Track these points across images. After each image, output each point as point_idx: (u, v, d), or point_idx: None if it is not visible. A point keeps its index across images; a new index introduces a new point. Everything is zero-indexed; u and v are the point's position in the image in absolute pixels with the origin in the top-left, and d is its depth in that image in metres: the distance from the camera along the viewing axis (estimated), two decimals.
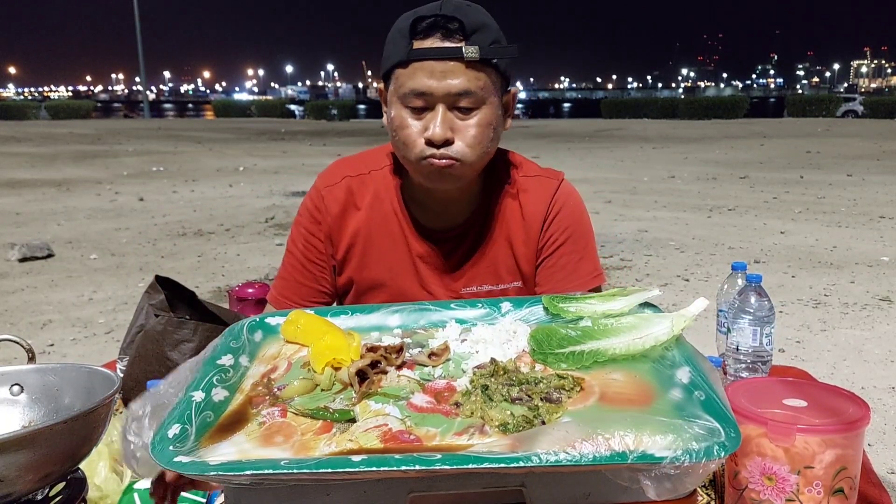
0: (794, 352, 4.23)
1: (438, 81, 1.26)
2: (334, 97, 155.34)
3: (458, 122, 1.29)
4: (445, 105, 1.28)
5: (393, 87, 1.32)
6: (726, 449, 0.72)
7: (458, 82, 1.26)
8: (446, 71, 1.25)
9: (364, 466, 0.70)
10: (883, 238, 7.17)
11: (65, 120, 36.38)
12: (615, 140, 20.93)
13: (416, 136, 1.30)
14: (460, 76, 1.26)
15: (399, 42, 1.29)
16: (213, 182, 12.08)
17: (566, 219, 1.46)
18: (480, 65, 1.27)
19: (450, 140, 1.28)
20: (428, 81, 1.26)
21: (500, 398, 0.87)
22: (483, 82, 1.28)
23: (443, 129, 1.27)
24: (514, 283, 1.46)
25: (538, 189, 1.47)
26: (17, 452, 0.77)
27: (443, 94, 1.26)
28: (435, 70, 1.25)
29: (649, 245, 7.01)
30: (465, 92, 1.27)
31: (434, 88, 1.26)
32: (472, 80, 1.26)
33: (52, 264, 6.58)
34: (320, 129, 27.75)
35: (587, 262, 1.47)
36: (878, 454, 3.10)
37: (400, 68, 1.29)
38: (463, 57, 1.25)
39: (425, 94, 1.27)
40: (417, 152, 1.30)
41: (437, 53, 1.25)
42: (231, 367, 0.96)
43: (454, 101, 1.28)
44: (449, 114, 1.28)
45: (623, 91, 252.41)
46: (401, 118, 1.31)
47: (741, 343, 1.41)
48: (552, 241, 1.45)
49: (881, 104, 32.94)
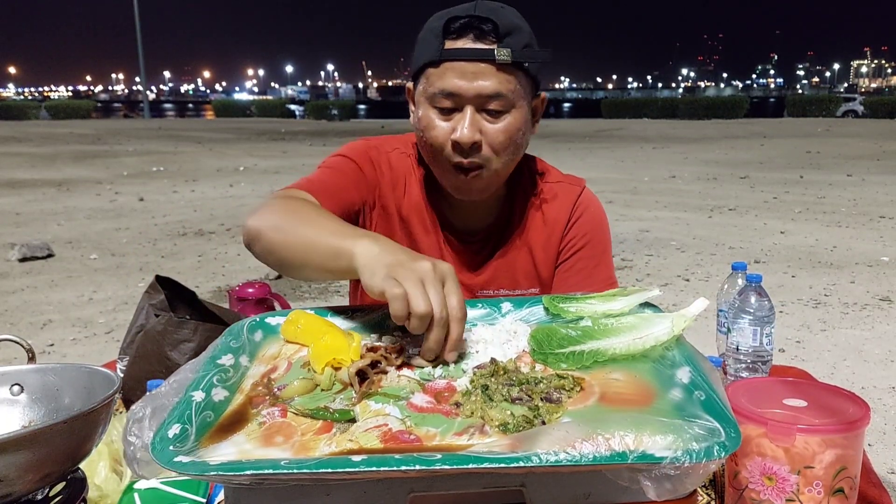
0: (795, 352, 4.23)
1: (469, 82, 1.24)
2: (334, 97, 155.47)
3: (487, 126, 1.27)
4: (474, 107, 1.26)
5: (422, 86, 1.30)
6: (726, 449, 0.72)
7: (488, 84, 1.24)
8: (477, 72, 1.24)
9: (364, 466, 0.70)
10: (883, 238, 7.18)
11: (65, 120, 36.40)
12: (615, 140, 20.94)
13: (443, 139, 1.28)
14: (491, 78, 1.24)
15: (431, 41, 1.27)
16: (213, 182, 12.08)
17: (586, 225, 1.46)
18: (512, 68, 1.25)
19: (477, 143, 1.26)
20: (458, 82, 1.24)
21: (500, 398, 0.87)
22: (514, 85, 1.26)
23: (471, 131, 1.25)
24: (532, 289, 1.46)
25: (561, 195, 1.46)
26: (17, 452, 0.77)
27: (472, 95, 1.25)
28: (466, 71, 1.24)
29: (650, 245, 7.01)
30: (496, 94, 1.25)
31: (464, 89, 1.24)
32: (503, 82, 1.25)
33: (52, 264, 6.58)
34: (320, 129, 27.76)
35: (602, 269, 1.47)
36: (878, 454, 3.10)
37: (431, 67, 1.27)
38: (495, 59, 1.23)
39: (454, 94, 1.25)
40: (444, 155, 1.29)
41: (469, 54, 1.24)
42: (231, 367, 0.96)
43: (483, 104, 1.26)
44: (477, 116, 1.26)
45: (623, 91, 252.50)
46: (428, 118, 1.29)
47: (741, 343, 1.41)
48: (570, 245, 1.46)
49: (881, 104, 32.95)
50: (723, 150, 16.66)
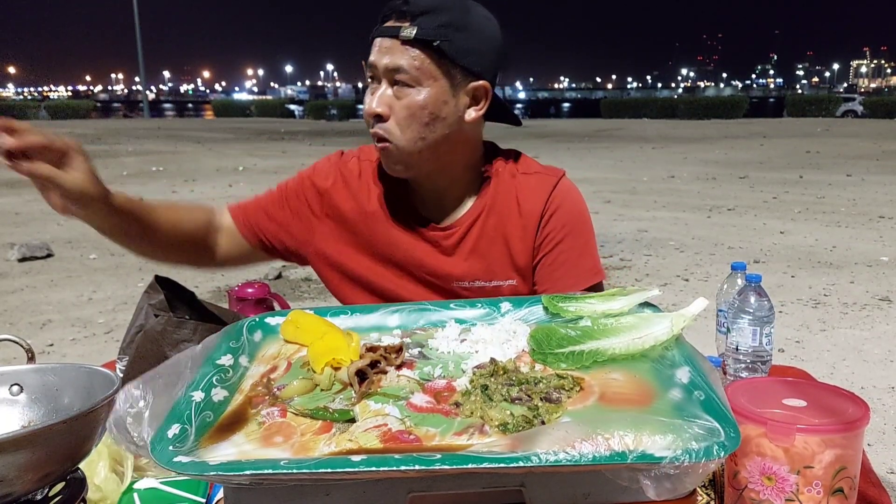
0: (794, 352, 4.23)
1: (379, 57, 1.33)
2: (334, 97, 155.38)
3: (394, 101, 1.34)
4: (387, 81, 1.34)
5: None
6: (726, 449, 0.72)
7: (392, 59, 1.32)
8: (389, 48, 1.32)
9: (364, 466, 0.70)
10: (882, 238, 7.18)
11: (64, 120, 36.37)
12: (615, 140, 20.94)
13: (367, 111, 1.38)
14: (397, 53, 1.31)
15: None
16: (212, 182, 12.08)
17: (564, 216, 1.46)
18: (420, 45, 1.31)
19: (382, 115, 1.34)
20: (372, 57, 1.34)
21: (499, 398, 0.87)
22: (420, 63, 1.31)
23: (376, 101, 1.34)
24: (509, 280, 1.46)
25: (536, 186, 1.46)
26: (17, 452, 0.77)
27: (381, 69, 1.33)
28: (381, 47, 1.33)
29: (649, 245, 7.01)
30: (397, 69, 1.32)
31: (377, 63, 1.34)
32: (408, 59, 1.31)
33: (51, 264, 6.58)
34: (320, 129, 27.75)
35: (586, 259, 1.46)
36: (877, 454, 3.10)
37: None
38: (398, 35, 1.31)
39: (371, 66, 1.35)
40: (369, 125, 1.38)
41: (380, 32, 1.33)
42: (230, 368, 0.96)
43: (390, 77, 1.33)
44: (389, 90, 1.34)
45: (623, 91, 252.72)
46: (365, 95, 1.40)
47: (741, 343, 1.41)
48: (550, 238, 1.45)
49: (881, 104, 32.96)
50: (722, 150, 16.66)
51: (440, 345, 1.05)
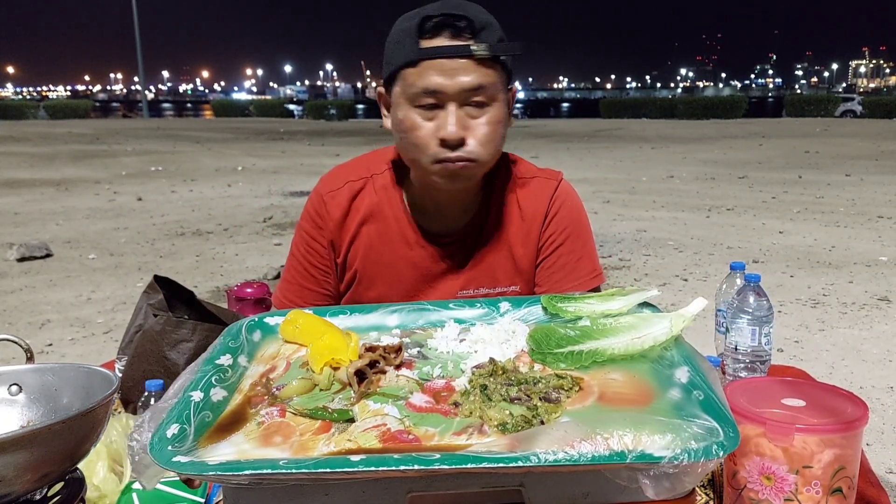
0: (793, 351, 4.23)
1: (450, 79, 1.25)
2: (333, 97, 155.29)
3: (470, 121, 1.29)
4: (457, 103, 1.27)
5: (400, 87, 1.30)
6: (725, 448, 0.72)
7: (469, 79, 1.25)
8: (457, 68, 1.25)
9: (363, 466, 0.70)
10: (881, 238, 7.18)
11: (63, 120, 36.35)
12: (614, 140, 20.94)
13: (428, 138, 1.28)
14: (472, 73, 1.25)
15: (405, 42, 1.28)
16: (211, 182, 12.07)
17: (564, 219, 1.46)
18: (490, 61, 1.27)
19: (464, 139, 1.28)
20: (439, 79, 1.25)
21: (498, 398, 0.87)
22: (493, 79, 1.28)
23: (457, 127, 1.26)
24: (512, 286, 1.46)
25: (537, 189, 1.46)
26: (16, 452, 0.77)
27: (455, 91, 1.26)
28: (446, 68, 1.25)
29: (648, 245, 7.01)
30: (478, 87, 1.26)
31: (446, 86, 1.25)
32: (483, 76, 1.26)
33: (50, 264, 6.57)
34: (319, 129, 27.74)
35: (586, 262, 1.47)
36: (876, 454, 3.10)
37: (409, 68, 1.27)
38: (473, 54, 1.25)
39: (437, 91, 1.26)
40: (431, 154, 1.29)
41: (449, 51, 1.25)
42: (230, 367, 0.96)
43: (466, 98, 1.27)
44: (461, 112, 1.28)
45: (622, 91, 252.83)
46: (411, 120, 1.29)
47: (740, 343, 1.41)
48: (551, 241, 1.46)
49: (879, 104, 32.94)
50: (721, 150, 16.66)
51: (439, 345, 1.05)
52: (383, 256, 1.45)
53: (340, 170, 1.51)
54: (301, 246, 1.49)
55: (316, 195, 1.48)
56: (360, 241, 1.45)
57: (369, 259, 1.45)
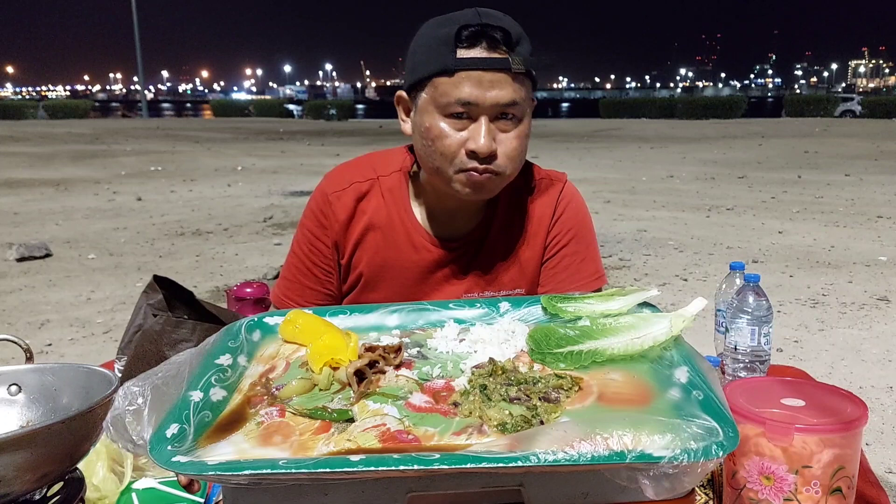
0: (793, 351, 4.23)
1: (486, 91, 1.24)
2: (332, 97, 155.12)
3: (500, 135, 1.28)
4: (489, 116, 1.26)
5: (429, 95, 1.28)
6: (724, 448, 0.72)
7: (505, 93, 1.24)
8: (494, 81, 1.23)
9: (362, 466, 0.70)
10: (881, 238, 7.18)
11: (63, 119, 36.32)
12: (614, 140, 20.94)
13: (456, 147, 1.27)
14: (507, 87, 1.24)
15: (439, 49, 1.26)
16: (211, 182, 12.07)
17: (569, 220, 1.46)
18: (523, 76, 1.26)
19: (494, 152, 1.27)
20: (475, 91, 1.24)
21: (498, 398, 0.87)
22: (525, 93, 1.27)
23: (488, 140, 1.25)
24: (517, 290, 1.46)
25: (543, 191, 1.47)
26: (16, 452, 0.77)
27: (490, 104, 1.25)
28: (483, 80, 1.23)
29: (648, 245, 7.01)
30: (512, 103, 1.26)
31: (481, 99, 1.24)
32: (518, 91, 1.26)
33: (50, 264, 6.57)
34: (319, 129, 27.73)
35: (589, 264, 1.47)
36: (875, 454, 3.10)
37: (443, 76, 1.25)
38: (511, 68, 1.23)
39: (471, 103, 1.24)
40: (457, 163, 1.28)
41: (486, 64, 1.23)
42: (229, 367, 0.96)
43: (499, 112, 1.26)
44: (491, 125, 1.27)
45: (621, 91, 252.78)
46: (439, 128, 1.28)
47: (739, 343, 1.41)
48: (555, 242, 1.46)
49: (879, 104, 32.94)
50: (721, 150, 16.66)
51: (439, 345, 1.05)
52: (388, 260, 1.44)
53: (346, 169, 1.49)
54: (304, 244, 1.48)
55: (321, 194, 1.46)
56: (366, 244, 1.44)
57: (374, 263, 1.44)
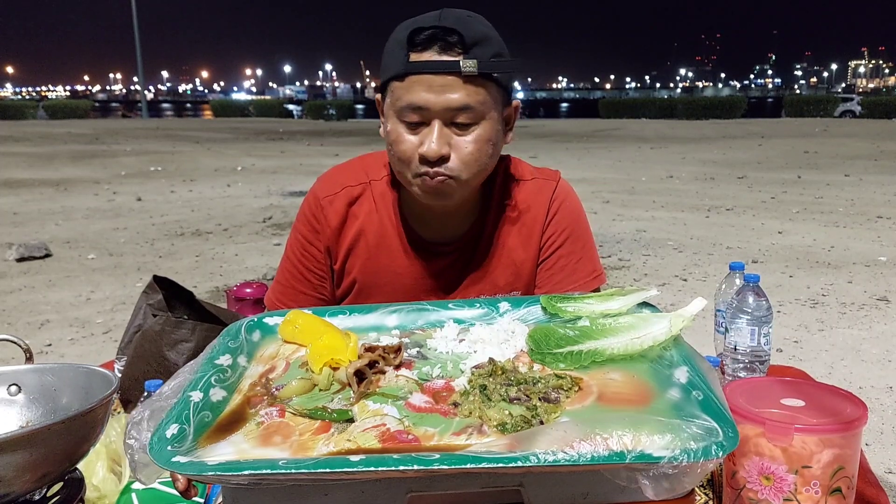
0: (792, 352, 4.23)
1: (436, 96, 1.22)
2: (332, 97, 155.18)
3: (455, 139, 1.25)
4: (442, 121, 1.24)
5: (389, 99, 1.28)
6: (724, 448, 0.72)
7: (456, 97, 1.22)
8: (444, 85, 1.21)
9: (362, 466, 0.70)
10: (880, 238, 7.18)
11: (62, 120, 36.30)
12: (613, 140, 20.94)
13: (411, 153, 1.26)
14: (458, 91, 1.21)
15: (397, 54, 1.25)
16: (211, 182, 12.06)
17: (564, 220, 1.45)
18: (480, 79, 1.23)
19: (445, 156, 1.25)
20: (425, 95, 1.22)
21: (498, 398, 0.87)
22: (482, 97, 1.24)
23: (438, 145, 1.23)
24: (513, 292, 1.44)
25: (535, 191, 1.45)
26: (15, 452, 0.77)
27: (440, 109, 1.23)
28: (433, 84, 1.21)
29: (647, 245, 7.01)
30: (464, 107, 1.23)
31: (431, 103, 1.22)
32: (472, 94, 1.22)
33: (49, 264, 6.57)
34: (318, 129, 27.72)
35: (586, 264, 1.46)
36: (875, 454, 3.10)
37: (396, 81, 1.25)
38: (461, 71, 1.20)
39: (422, 108, 1.23)
40: (413, 168, 1.27)
41: (435, 67, 1.21)
42: (229, 368, 0.96)
43: (452, 117, 1.24)
44: (445, 129, 1.24)
45: (621, 91, 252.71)
46: (397, 133, 1.27)
47: (739, 343, 1.41)
48: (550, 242, 1.45)
49: (879, 104, 32.93)
50: (720, 150, 16.66)
51: (439, 345, 1.05)
52: (382, 266, 1.43)
53: (337, 173, 1.48)
54: (297, 249, 1.46)
55: (313, 198, 1.45)
56: (359, 250, 1.43)
57: (367, 269, 1.43)
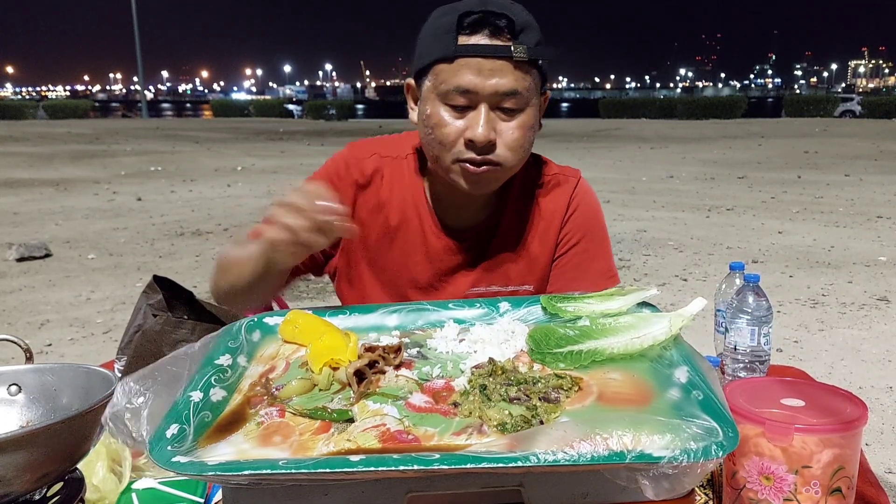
0: (792, 351, 4.23)
1: (486, 79, 1.22)
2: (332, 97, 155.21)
3: (501, 124, 1.25)
4: (489, 105, 1.24)
5: (431, 83, 1.27)
6: (724, 448, 0.72)
7: (505, 81, 1.22)
8: (494, 69, 1.21)
9: (362, 466, 0.70)
10: (880, 238, 7.18)
11: (62, 119, 36.31)
12: (613, 140, 20.94)
13: (454, 136, 1.25)
14: (508, 75, 1.22)
15: (442, 37, 1.24)
16: (211, 182, 12.07)
17: (582, 218, 1.45)
18: (527, 65, 1.24)
19: (492, 142, 1.25)
20: (474, 79, 1.22)
21: (498, 398, 0.87)
22: (528, 83, 1.25)
23: (486, 129, 1.23)
24: (525, 286, 1.44)
25: (556, 187, 1.45)
26: (15, 452, 0.77)
27: (489, 93, 1.22)
28: (483, 68, 1.21)
29: (648, 245, 7.02)
30: (512, 92, 1.23)
31: (480, 87, 1.22)
32: (519, 80, 1.23)
33: (49, 264, 6.57)
34: (318, 129, 27.72)
35: (600, 262, 1.46)
36: (875, 454, 3.11)
37: (443, 63, 1.24)
38: (512, 56, 1.21)
39: (470, 91, 1.23)
40: (455, 153, 1.26)
41: (486, 50, 1.21)
42: (229, 368, 0.96)
43: (499, 102, 1.24)
44: (492, 114, 1.24)
45: (621, 91, 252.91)
46: (439, 116, 1.26)
47: (739, 343, 1.41)
48: (567, 239, 1.45)
49: (879, 104, 32.93)
50: (721, 150, 16.66)
51: (439, 345, 1.05)
52: (398, 242, 1.42)
53: (371, 142, 1.47)
54: None
55: (342, 158, 1.43)
56: (377, 219, 1.41)
57: (383, 243, 1.42)
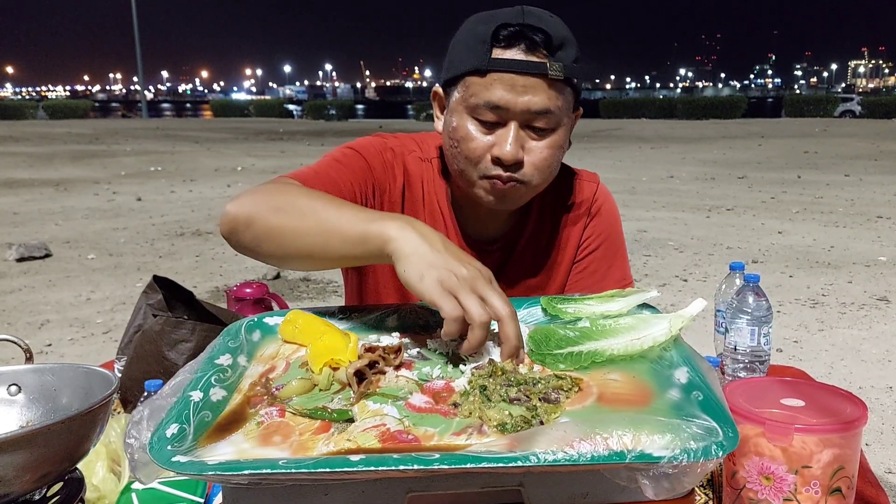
0: (792, 352, 4.23)
1: (518, 96, 1.17)
2: (332, 97, 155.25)
3: (530, 143, 1.21)
4: (519, 122, 1.20)
5: (461, 94, 1.22)
6: (724, 448, 0.72)
7: (538, 100, 1.17)
8: (527, 86, 1.17)
9: (362, 466, 0.70)
10: (880, 238, 7.19)
11: (62, 120, 36.32)
12: (613, 140, 20.95)
13: (482, 151, 1.21)
14: (541, 93, 1.17)
15: (476, 48, 1.19)
16: (211, 182, 12.07)
17: (602, 223, 1.44)
18: (561, 83, 1.19)
19: (520, 161, 1.21)
20: (506, 95, 1.17)
21: (498, 398, 0.87)
22: (561, 102, 1.20)
23: (514, 148, 1.19)
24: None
25: (577, 192, 1.44)
26: (15, 452, 0.77)
27: (520, 110, 1.18)
28: (516, 84, 1.17)
29: (648, 245, 7.02)
30: (545, 111, 1.18)
31: (512, 103, 1.18)
32: (552, 98, 1.18)
33: (49, 264, 6.57)
34: (318, 129, 27.74)
35: (617, 269, 1.45)
36: (875, 454, 3.11)
37: (475, 76, 1.19)
38: (547, 74, 1.16)
39: (501, 108, 1.18)
40: (481, 168, 1.22)
41: (521, 67, 1.16)
42: (229, 367, 0.96)
43: (530, 120, 1.20)
44: (521, 132, 1.20)
45: (621, 91, 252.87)
46: (466, 129, 1.22)
47: (739, 343, 1.41)
48: (587, 244, 1.44)
49: (878, 104, 32.96)
50: (721, 150, 16.67)
51: (439, 346, 1.05)
52: None
53: (405, 137, 1.41)
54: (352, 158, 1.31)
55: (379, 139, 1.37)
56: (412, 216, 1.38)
57: None
